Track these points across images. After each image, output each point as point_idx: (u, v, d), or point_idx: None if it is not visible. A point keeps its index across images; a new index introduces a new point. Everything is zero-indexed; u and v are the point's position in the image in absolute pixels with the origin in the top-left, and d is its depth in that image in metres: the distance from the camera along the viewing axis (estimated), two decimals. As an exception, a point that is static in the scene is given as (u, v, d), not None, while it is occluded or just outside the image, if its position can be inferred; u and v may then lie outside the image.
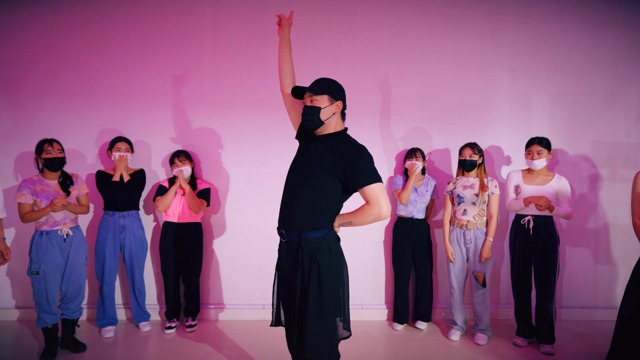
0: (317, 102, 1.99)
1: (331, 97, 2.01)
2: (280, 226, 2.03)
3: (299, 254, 1.93)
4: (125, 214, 3.39)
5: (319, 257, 1.91)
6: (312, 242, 1.93)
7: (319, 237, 1.94)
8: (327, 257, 1.94)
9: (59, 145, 3.02)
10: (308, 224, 1.94)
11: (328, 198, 1.95)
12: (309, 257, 1.92)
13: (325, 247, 1.94)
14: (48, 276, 2.91)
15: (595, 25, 3.78)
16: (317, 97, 1.99)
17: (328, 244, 1.95)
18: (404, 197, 3.43)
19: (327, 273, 1.91)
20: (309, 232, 1.93)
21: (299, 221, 1.94)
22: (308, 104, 2.00)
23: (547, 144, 3.14)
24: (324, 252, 1.93)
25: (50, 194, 2.96)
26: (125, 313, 3.71)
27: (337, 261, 1.99)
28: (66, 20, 3.62)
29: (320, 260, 1.91)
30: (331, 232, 2.00)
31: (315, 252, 1.92)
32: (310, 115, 1.99)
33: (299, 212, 1.95)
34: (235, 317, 3.77)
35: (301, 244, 1.93)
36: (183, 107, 3.70)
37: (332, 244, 1.97)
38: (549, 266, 3.07)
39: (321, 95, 1.99)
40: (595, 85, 3.79)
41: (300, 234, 1.94)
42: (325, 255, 1.94)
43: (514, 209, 3.20)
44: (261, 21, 3.67)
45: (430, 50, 3.76)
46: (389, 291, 3.85)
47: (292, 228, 1.96)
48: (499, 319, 3.79)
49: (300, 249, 1.93)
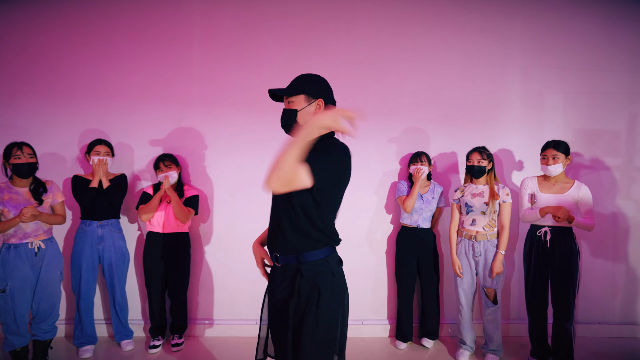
0: (294, 104, 1.72)
1: (308, 96, 1.71)
2: (273, 249, 1.74)
3: (297, 279, 1.65)
4: (104, 223, 3.12)
5: (321, 283, 1.63)
6: (312, 266, 1.65)
7: (320, 260, 1.66)
8: (329, 282, 1.65)
9: (29, 149, 2.74)
10: (306, 244, 1.65)
11: (322, 209, 1.65)
12: (309, 283, 1.63)
13: (327, 270, 1.66)
14: (16, 294, 2.64)
15: (612, 20, 3.52)
16: (293, 99, 1.72)
17: (331, 267, 1.67)
18: (409, 204, 3.16)
19: (327, 302, 1.62)
20: (308, 254, 1.65)
21: (296, 241, 1.66)
22: (285, 106, 1.74)
23: (565, 149, 2.87)
24: (326, 276, 1.65)
25: (20, 203, 2.69)
26: (107, 329, 3.44)
27: (339, 287, 1.70)
28: (45, 15, 3.36)
29: (322, 287, 1.62)
30: (333, 252, 1.72)
31: (316, 277, 1.64)
32: (287, 120, 1.72)
33: (293, 230, 1.66)
34: (225, 333, 3.50)
35: (300, 267, 1.65)
36: (170, 108, 3.43)
37: (334, 267, 1.69)
38: (568, 282, 2.80)
39: (297, 96, 1.71)
40: (613, 84, 3.52)
41: (298, 257, 1.65)
42: (328, 280, 1.65)
43: (529, 220, 2.92)
44: (252, 17, 3.42)
45: (434, 47, 3.49)
46: (391, 306, 3.58)
47: (288, 250, 1.67)
48: (510, 336, 3.52)
49: (299, 273, 1.65)
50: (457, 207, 3.10)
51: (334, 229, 1.74)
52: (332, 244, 1.71)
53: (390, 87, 3.49)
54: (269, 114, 3.26)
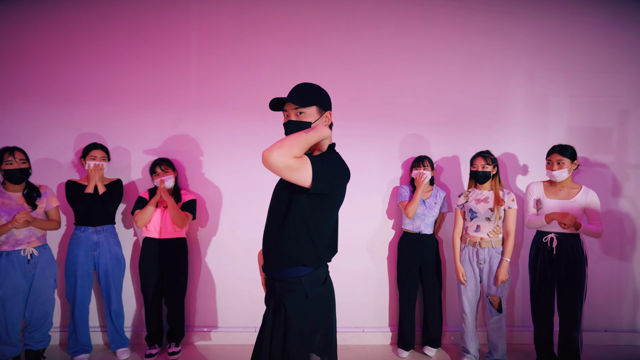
0: (306, 116, 1.61)
1: (320, 108, 1.64)
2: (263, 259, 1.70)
3: (271, 296, 1.62)
4: (100, 229, 3.04)
5: (288, 303, 1.56)
6: (285, 283, 1.58)
7: (293, 278, 1.57)
8: (299, 303, 1.57)
9: (21, 154, 2.68)
10: (282, 259, 1.59)
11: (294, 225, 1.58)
12: (279, 300, 1.58)
13: (299, 290, 1.57)
14: (7, 303, 2.57)
15: (619, 21, 3.46)
16: (305, 110, 1.60)
17: (304, 286, 1.57)
18: (411, 210, 3.09)
19: (294, 323, 1.55)
20: (283, 270, 1.58)
21: (274, 255, 1.60)
22: (293, 118, 1.61)
23: (571, 154, 2.80)
24: (296, 296, 1.57)
25: (13, 208, 2.62)
26: (103, 337, 3.36)
27: (311, 309, 1.59)
28: (42, 17, 3.29)
29: (289, 307, 1.55)
30: (315, 271, 1.62)
31: (285, 295, 1.57)
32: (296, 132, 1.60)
33: (273, 243, 1.60)
34: (224, 341, 3.43)
35: (275, 284, 1.60)
36: (167, 111, 3.36)
37: (310, 287, 1.58)
38: (575, 291, 2.72)
39: (309, 107, 1.61)
40: (620, 86, 3.46)
41: (275, 272, 1.60)
42: (298, 300, 1.57)
43: (535, 226, 2.85)
44: (251, 19, 3.36)
45: (436, 49, 3.42)
46: (393, 313, 3.51)
47: (268, 264, 1.63)
48: (514, 344, 3.45)
49: (273, 290, 1.60)
50: (461, 212, 3.03)
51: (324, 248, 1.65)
52: (313, 264, 1.61)
53: (392, 88, 3.42)
54: (269, 117, 3.18)
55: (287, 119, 1.64)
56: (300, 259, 1.59)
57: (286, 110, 1.64)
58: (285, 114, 1.66)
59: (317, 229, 1.59)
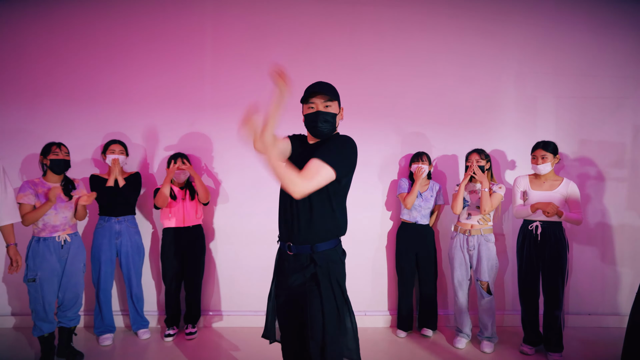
0: (332, 108, 1.91)
1: (339, 103, 1.96)
2: (286, 239, 1.94)
3: (311, 267, 1.86)
4: (122, 219, 3.32)
5: (333, 270, 1.86)
6: (324, 255, 1.87)
7: (330, 250, 1.88)
8: (340, 269, 1.90)
9: (66, 149, 2.98)
10: (320, 235, 1.87)
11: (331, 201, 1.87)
12: (324, 270, 1.85)
13: (337, 259, 1.90)
14: (45, 284, 2.84)
15: (603, 27, 3.73)
16: (331, 103, 1.90)
17: (339, 255, 1.92)
18: (409, 201, 3.36)
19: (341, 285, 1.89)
20: (320, 244, 1.86)
21: (310, 233, 1.86)
22: (321, 109, 1.88)
23: (554, 149, 3.08)
24: (337, 265, 1.89)
25: (52, 197, 2.89)
26: (124, 320, 3.64)
27: (344, 272, 1.97)
28: (66, 21, 3.57)
29: (336, 273, 1.87)
30: (340, 243, 1.96)
31: (329, 264, 1.86)
32: (327, 122, 1.89)
33: (306, 222, 1.86)
34: (236, 324, 3.70)
35: (314, 257, 1.86)
36: (183, 110, 3.64)
37: (342, 255, 1.95)
38: (558, 273, 3.01)
39: (334, 102, 1.91)
40: (603, 88, 3.74)
41: (312, 247, 1.86)
42: (340, 268, 1.90)
43: (522, 215, 3.13)
44: (262, 22, 3.63)
45: (434, 53, 3.70)
46: (392, 297, 3.78)
47: (301, 240, 1.88)
48: (505, 326, 3.73)
49: (313, 262, 1.86)
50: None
51: (346, 218, 1.96)
52: (340, 235, 1.93)
53: (392, 90, 3.69)
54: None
55: (311, 110, 1.88)
56: (334, 232, 1.89)
57: (313, 102, 1.88)
58: (309, 106, 1.89)
59: (342, 203, 1.92)
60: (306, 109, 1.92)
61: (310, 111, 1.90)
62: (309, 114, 1.90)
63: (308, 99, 1.89)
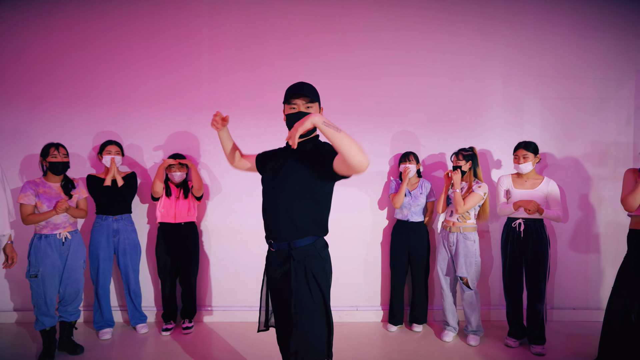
0: (313, 110, 1.96)
1: (319, 104, 2.01)
2: (269, 236, 2.05)
3: (290, 261, 1.95)
4: (119, 217, 3.43)
5: (310, 265, 1.94)
6: (302, 250, 1.95)
7: (308, 245, 1.96)
8: (318, 263, 1.97)
9: (64, 150, 3.08)
10: (296, 232, 1.95)
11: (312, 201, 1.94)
12: (301, 265, 1.94)
13: (315, 254, 1.97)
14: (46, 279, 2.95)
15: (586, 30, 3.85)
16: (313, 105, 1.96)
17: (317, 250, 1.98)
18: (397, 200, 3.48)
19: (320, 278, 1.95)
20: (297, 241, 1.95)
21: (286, 231, 1.95)
22: (303, 109, 1.93)
23: (534, 149, 3.20)
24: (314, 260, 1.96)
25: (52, 197, 3.01)
26: (122, 315, 3.76)
27: (327, 266, 2.03)
28: (65, 22, 3.67)
29: (313, 268, 1.94)
30: (319, 238, 2.02)
31: (305, 259, 1.95)
32: None
33: (284, 222, 1.95)
34: (231, 318, 3.82)
35: (291, 252, 1.95)
36: (180, 111, 3.75)
37: (320, 250, 2.00)
38: (539, 268, 3.13)
39: (315, 103, 1.98)
40: (587, 90, 3.86)
41: (289, 243, 1.95)
42: (317, 262, 1.97)
43: (505, 213, 3.25)
44: (258, 24, 3.74)
45: (424, 54, 3.81)
46: (384, 293, 3.90)
47: (281, 238, 1.97)
48: (491, 320, 3.85)
49: (291, 257, 1.95)
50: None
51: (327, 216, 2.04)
52: (320, 234, 2.00)
53: (383, 90, 3.80)
54: (273, 117, 3.59)
55: (293, 110, 1.94)
56: (313, 230, 1.97)
57: (295, 103, 1.93)
58: (291, 107, 1.95)
59: (326, 202, 2.00)
60: (288, 109, 1.97)
61: (292, 111, 1.95)
62: (291, 114, 1.96)
63: (290, 100, 1.95)
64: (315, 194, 1.93)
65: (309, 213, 1.94)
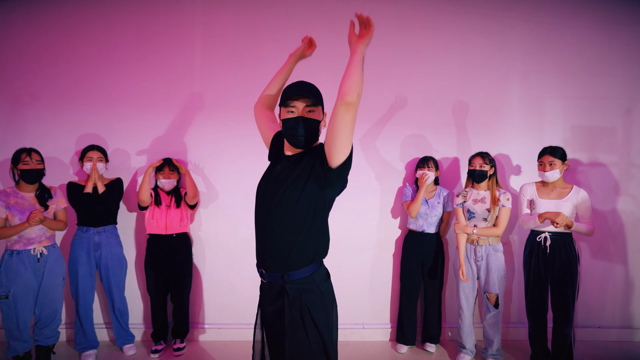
0: (315, 114, 1.65)
1: (323, 108, 1.70)
2: (259, 264, 1.72)
3: (284, 298, 1.61)
4: (101, 229, 3.12)
5: (308, 302, 1.60)
6: (297, 284, 1.61)
7: (305, 278, 1.62)
8: (318, 300, 1.62)
9: (37, 155, 2.77)
10: (291, 262, 1.60)
11: (309, 223, 1.60)
12: (297, 302, 1.60)
13: (314, 288, 1.62)
14: (19, 300, 2.66)
15: (612, 24, 3.54)
16: (315, 108, 1.64)
17: (317, 284, 1.63)
18: (413, 209, 3.18)
19: (319, 320, 1.60)
20: (293, 273, 1.61)
21: (281, 259, 1.62)
22: (303, 114, 1.61)
23: (562, 154, 2.89)
24: (313, 295, 1.62)
25: (25, 208, 2.71)
26: (108, 333, 3.45)
27: (329, 302, 1.66)
28: (46, 19, 3.37)
29: (311, 306, 1.60)
30: (320, 267, 1.67)
31: (302, 295, 1.60)
32: (308, 130, 1.61)
33: (277, 248, 1.61)
34: (227, 337, 3.52)
35: (285, 287, 1.61)
36: (170, 112, 3.45)
37: (321, 283, 1.64)
38: (568, 288, 2.82)
39: (317, 106, 1.66)
40: (613, 89, 3.54)
41: (283, 275, 1.62)
42: (316, 298, 1.62)
43: (529, 226, 2.94)
44: (254, 20, 3.44)
45: (435, 52, 3.51)
46: (393, 309, 3.60)
47: (273, 268, 1.64)
48: (510, 339, 3.54)
49: (285, 293, 1.61)
50: (462, 211, 3.09)
51: (327, 238, 1.70)
52: (318, 260, 1.67)
53: (391, 90, 3.50)
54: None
55: (291, 115, 1.62)
56: (312, 257, 1.62)
57: (294, 105, 1.62)
58: (289, 110, 1.63)
59: (323, 222, 1.64)
60: (285, 113, 1.64)
61: (290, 116, 1.62)
62: (288, 119, 1.62)
63: (287, 102, 1.62)
64: (316, 213, 1.60)
65: (308, 238, 1.60)
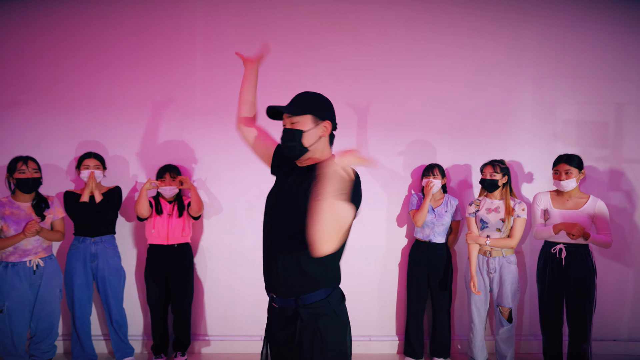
0: (299, 125, 1.60)
1: (316, 117, 1.61)
2: (269, 288, 1.63)
3: (297, 323, 1.53)
4: (98, 239, 3.01)
5: (322, 326, 1.52)
6: (312, 308, 1.54)
7: (320, 301, 1.54)
8: (332, 324, 1.54)
9: (34, 164, 2.68)
10: (305, 286, 1.53)
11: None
12: (310, 327, 1.52)
13: (329, 312, 1.54)
14: (14, 314, 2.57)
15: (627, 27, 3.43)
16: (298, 119, 1.60)
17: (332, 307, 1.55)
18: (419, 218, 3.07)
19: (331, 345, 1.52)
20: (307, 296, 1.53)
21: (293, 283, 1.54)
22: (287, 126, 1.63)
23: (578, 163, 2.77)
24: (328, 318, 1.54)
25: (21, 218, 2.63)
26: (107, 345, 3.36)
27: (342, 325, 1.59)
28: (46, 21, 3.29)
29: (324, 330, 1.51)
30: (335, 290, 1.60)
31: (317, 320, 1.52)
32: (291, 141, 1.60)
33: (290, 271, 1.54)
34: (230, 349, 3.41)
35: (299, 311, 1.53)
36: (171, 118, 3.36)
37: (336, 306, 1.57)
38: (585, 302, 2.70)
39: (302, 116, 1.60)
40: (629, 94, 3.43)
41: (296, 299, 1.54)
42: (331, 322, 1.54)
43: (543, 237, 2.82)
44: (255, 24, 3.35)
45: (443, 55, 3.41)
46: (400, 320, 3.48)
47: (285, 292, 1.56)
48: (521, 353, 3.41)
49: (299, 317, 1.53)
50: (474, 220, 2.98)
51: (339, 266, 1.64)
52: (333, 284, 1.60)
53: (398, 95, 3.40)
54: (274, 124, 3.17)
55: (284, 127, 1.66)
56: (324, 281, 1.56)
57: (283, 118, 1.68)
58: (283, 123, 1.68)
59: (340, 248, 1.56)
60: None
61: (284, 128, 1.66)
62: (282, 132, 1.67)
63: (280, 115, 1.69)
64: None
65: (319, 260, 1.47)
